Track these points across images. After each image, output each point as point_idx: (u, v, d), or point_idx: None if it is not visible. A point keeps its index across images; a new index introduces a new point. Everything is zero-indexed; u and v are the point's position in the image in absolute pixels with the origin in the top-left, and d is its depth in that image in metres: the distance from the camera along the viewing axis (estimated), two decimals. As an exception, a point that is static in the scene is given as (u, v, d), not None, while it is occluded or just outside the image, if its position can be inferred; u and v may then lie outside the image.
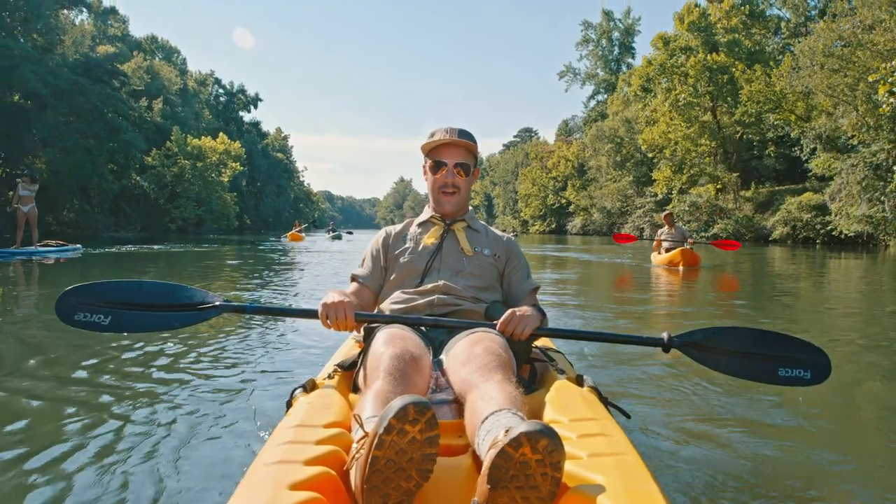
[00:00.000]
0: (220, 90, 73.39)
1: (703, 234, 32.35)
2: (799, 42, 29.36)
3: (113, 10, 50.15)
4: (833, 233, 26.22)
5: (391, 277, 2.35)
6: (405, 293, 2.26)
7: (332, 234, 33.63)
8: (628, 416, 1.90)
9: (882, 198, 23.13)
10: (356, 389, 1.95)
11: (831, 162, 26.52)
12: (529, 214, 70.87)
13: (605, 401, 1.84)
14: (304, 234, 30.87)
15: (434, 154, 2.34)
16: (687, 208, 35.46)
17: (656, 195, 43.07)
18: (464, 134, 2.31)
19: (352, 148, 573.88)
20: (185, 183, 43.12)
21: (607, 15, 63.92)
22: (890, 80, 17.45)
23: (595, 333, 2.43)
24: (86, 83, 29.71)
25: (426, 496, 1.33)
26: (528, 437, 1.12)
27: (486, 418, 1.41)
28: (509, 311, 2.01)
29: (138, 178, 40.06)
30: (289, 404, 1.82)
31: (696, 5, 39.14)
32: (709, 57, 36.59)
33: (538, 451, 1.13)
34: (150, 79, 45.58)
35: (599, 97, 65.74)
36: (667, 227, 12.82)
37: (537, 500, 1.16)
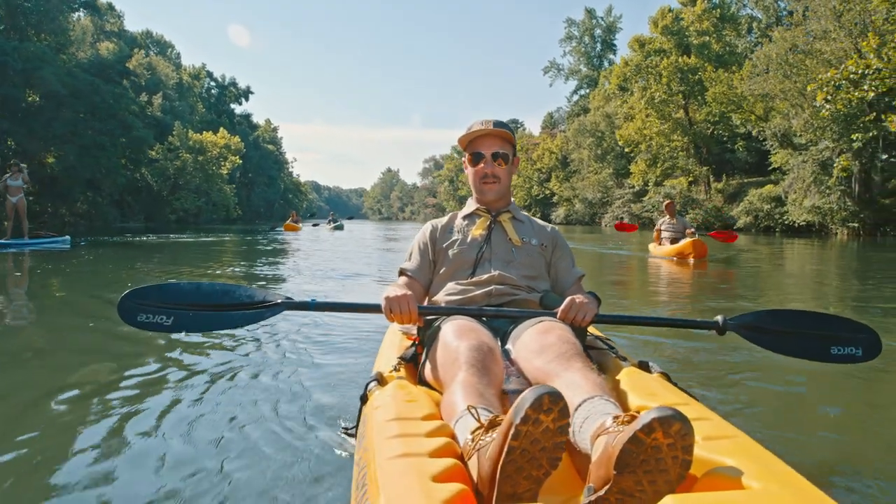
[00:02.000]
0: (212, 83, 74.97)
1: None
2: (770, 41, 31.96)
3: (110, 7, 51.69)
4: (787, 222, 28.98)
5: (441, 270, 2.36)
6: (460, 284, 2.27)
7: (333, 224, 33.92)
8: (697, 401, 1.82)
9: (828, 191, 25.88)
10: (422, 381, 1.97)
11: (787, 158, 29.17)
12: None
13: (676, 386, 1.84)
14: (301, 225, 32.17)
15: (472, 146, 2.37)
16: (661, 199, 38.19)
17: (634, 187, 45.89)
18: (500, 124, 2.32)
19: (337, 138, 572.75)
20: (187, 176, 45.31)
21: (590, 13, 66.24)
22: (825, 88, 19.94)
23: (650, 319, 2.49)
24: (100, 83, 31.69)
25: None
26: (660, 422, 1.12)
27: (579, 406, 1.44)
28: (568, 298, 2.04)
29: (146, 171, 42.17)
30: (364, 398, 1.84)
31: (670, 10, 41.70)
32: (680, 59, 39.26)
33: (670, 435, 1.13)
34: (149, 75, 47.42)
35: (582, 91, 67.98)
36: (668, 216, 12.19)
37: (664, 483, 1.16)
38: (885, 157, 26.59)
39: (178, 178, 44.96)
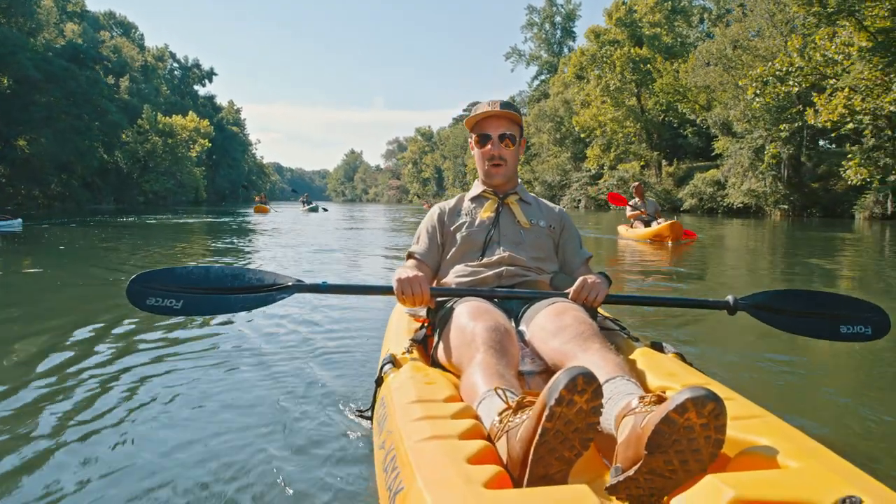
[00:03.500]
0: (175, 64, 74.57)
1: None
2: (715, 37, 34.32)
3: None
4: (727, 204, 31.58)
5: (450, 253, 2.34)
6: (469, 266, 2.26)
7: (307, 206, 33.04)
8: (717, 382, 1.74)
9: (762, 175, 28.48)
10: (434, 363, 1.95)
11: (728, 145, 31.69)
12: (477, 187, 74.64)
13: (691, 366, 1.82)
14: (269, 207, 32.64)
15: (479, 128, 2.33)
16: (615, 182, 40.60)
17: (590, 170, 48.27)
18: (507, 105, 2.29)
19: (299, 118, 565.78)
20: (156, 158, 46.08)
21: (550, 0, 68.12)
22: (754, 83, 22.26)
23: (661, 298, 2.25)
24: (75, 69, 32.36)
25: None
26: (693, 402, 1.11)
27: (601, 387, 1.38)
28: (580, 278, 2.05)
29: (118, 153, 42.83)
30: (379, 380, 1.84)
31: (623, 3, 44.01)
32: (633, 50, 41.59)
33: (704, 415, 1.12)
34: (115, 57, 47.64)
35: (543, 77, 69.87)
36: (637, 199, 11.97)
37: (696, 462, 1.15)
38: (821, 142, 29.32)
39: (147, 160, 45.69)
